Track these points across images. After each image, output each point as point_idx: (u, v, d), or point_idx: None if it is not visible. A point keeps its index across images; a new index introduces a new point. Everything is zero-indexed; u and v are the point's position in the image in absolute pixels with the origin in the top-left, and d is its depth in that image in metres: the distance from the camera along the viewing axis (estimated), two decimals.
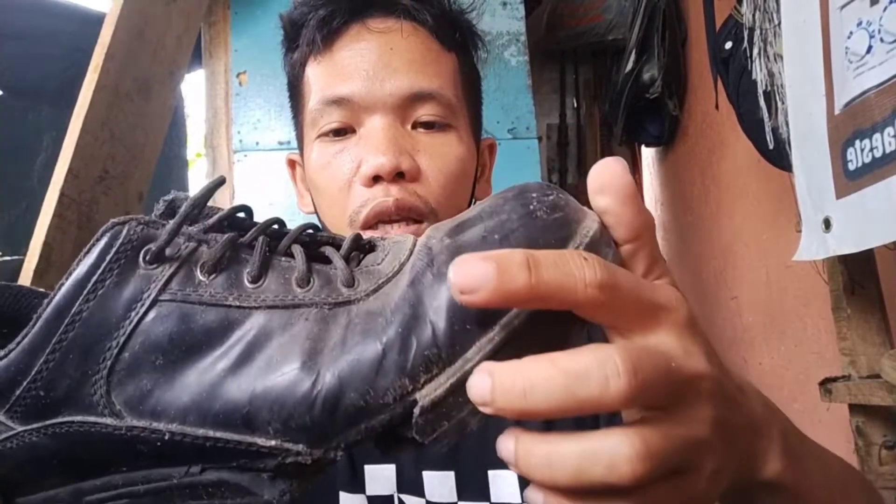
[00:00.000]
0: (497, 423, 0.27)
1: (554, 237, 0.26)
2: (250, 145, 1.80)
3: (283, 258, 0.29)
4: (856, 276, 1.03)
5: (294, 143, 0.73)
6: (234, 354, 0.26)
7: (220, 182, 0.31)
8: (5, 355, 0.27)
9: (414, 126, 0.63)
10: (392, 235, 0.35)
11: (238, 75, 1.84)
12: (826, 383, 1.07)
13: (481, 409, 0.25)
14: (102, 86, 1.13)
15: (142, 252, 0.27)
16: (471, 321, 0.25)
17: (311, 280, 0.28)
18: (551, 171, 2.62)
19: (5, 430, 0.27)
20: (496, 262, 0.24)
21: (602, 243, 0.27)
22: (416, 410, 0.25)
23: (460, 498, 0.60)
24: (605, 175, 0.28)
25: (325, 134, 0.63)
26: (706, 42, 1.66)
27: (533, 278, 0.24)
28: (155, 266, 0.27)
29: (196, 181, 2.69)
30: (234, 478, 0.26)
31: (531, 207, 0.27)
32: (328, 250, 0.30)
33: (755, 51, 1.15)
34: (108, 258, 0.27)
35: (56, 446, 0.27)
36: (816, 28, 0.95)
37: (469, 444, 0.60)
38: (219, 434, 0.25)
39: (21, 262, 1.02)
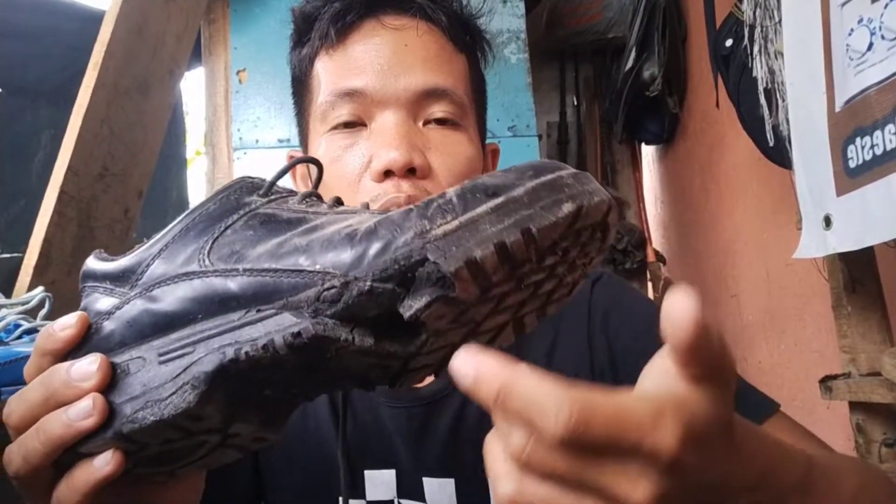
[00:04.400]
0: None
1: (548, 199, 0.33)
2: (250, 143, 1.80)
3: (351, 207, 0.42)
4: (856, 273, 1.03)
5: (294, 141, 0.72)
6: (303, 228, 0.37)
7: (304, 160, 0.47)
8: (144, 245, 0.40)
9: (426, 123, 0.62)
10: None
11: (238, 73, 1.84)
12: (826, 381, 1.07)
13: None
14: (102, 84, 1.13)
15: (256, 190, 0.41)
16: (480, 192, 0.33)
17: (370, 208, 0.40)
18: None
19: (124, 295, 0.39)
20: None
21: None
22: (431, 237, 0.32)
23: None
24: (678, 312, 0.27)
25: (336, 127, 0.62)
26: (706, 40, 1.66)
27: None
28: (264, 195, 0.41)
29: (195, 179, 2.68)
30: (280, 312, 0.34)
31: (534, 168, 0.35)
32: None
33: (756, 48, 1.15)
34: (237, 186, 0.41)
35: (146, 304, 0.37)
36: (817, 25, 0.95)
37: (469, 451, 0.60)
38: (278, 265, 0.35)
39: (20, 260, 1.02)
